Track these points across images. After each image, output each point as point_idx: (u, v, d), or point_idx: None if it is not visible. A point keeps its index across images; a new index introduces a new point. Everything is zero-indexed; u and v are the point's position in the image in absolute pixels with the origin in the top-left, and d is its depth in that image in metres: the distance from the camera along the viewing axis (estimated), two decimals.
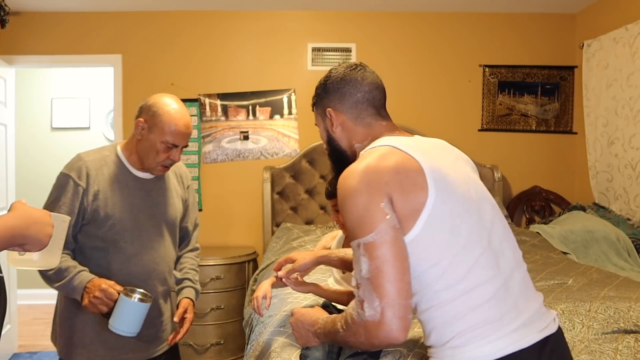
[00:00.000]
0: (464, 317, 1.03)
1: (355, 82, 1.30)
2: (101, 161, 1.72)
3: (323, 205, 3.71)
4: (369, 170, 1.07)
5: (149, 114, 1.71)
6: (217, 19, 3.78)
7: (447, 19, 3.82)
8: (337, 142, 1.31)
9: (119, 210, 1.69)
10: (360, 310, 1.01)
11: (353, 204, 1.05)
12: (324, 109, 1.33)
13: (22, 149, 4.67)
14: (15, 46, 3.69)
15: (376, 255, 1.00)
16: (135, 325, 1.56)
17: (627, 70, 3.19)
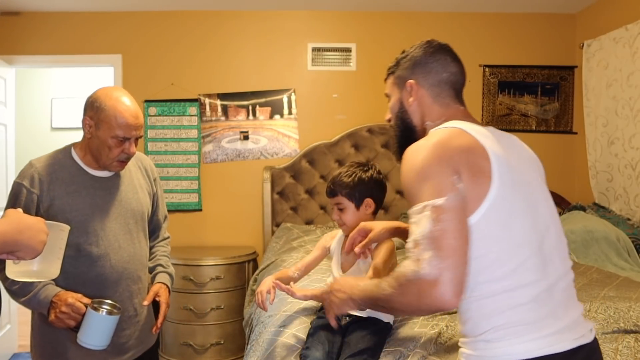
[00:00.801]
0: (501, 314, 1.04)
1: (444, 61, 1.29)
2: (55, 165, 1.66)
3: (323, 205, 3.71)
4: (439, 146, 1.07)
5: (93, 110, 1.63)
6: (217, 19, 3.78)
7: (447, 19, 3.82)
8: (409, 116, 1.30)
9: (80, 214, 1.63)
10: (416, 267, 0.99)
11: (422, 171, 1.05)
12: (404, 80, 1.31)
13: (22, 149, 4.67)
14: (15, 46, 3.69)
15: (442, 218, 1.00)
16: (104, 338, 1.52)
17: (627, 70, 3.19)
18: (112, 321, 1.53)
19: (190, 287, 3.26)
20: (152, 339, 1.89)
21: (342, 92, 3.83)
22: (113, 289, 1.67)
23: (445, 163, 1.05)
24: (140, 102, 3.66)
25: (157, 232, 1.97)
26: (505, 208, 1.05)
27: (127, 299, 1.71)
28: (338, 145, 3.75)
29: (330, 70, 3.82)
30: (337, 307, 1.23)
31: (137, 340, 1.78)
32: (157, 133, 3.72)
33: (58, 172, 1.65)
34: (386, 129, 3.77)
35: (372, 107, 3.82)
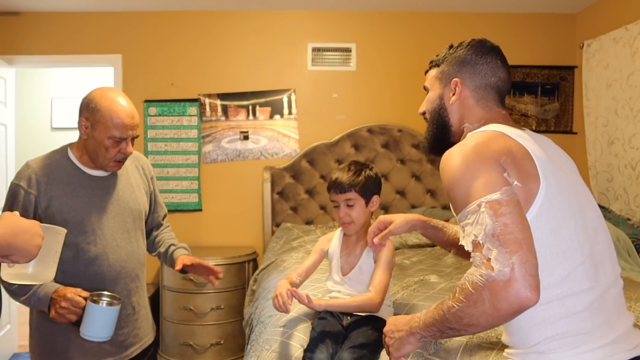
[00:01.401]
0: (554, 323, 0.99)
1: (494, 65, 1.24)
2: (52, 166, 1.67)
3: (323, 205, 3.71)
4: (482, 147, 1.04)
5: (89, 111, 1.64)
6: (217, 19, 3.78)
7: (447, 19, 3.82)
8: (447, 114, 1.25)
9: (77, 213, 1.63)
10: (484, 271, 0.92)
11: (469, 171, 1.01)
12: (449, 77, 1.25)
13: (22, 149, 4.67)
14: (15, 46, 3.69)
15: (502, 212, 0.94)
16: (107, 329, 1.53)
17: (627, 70, 3.19)
18: (113, 312, 1.54)
19: (190, 287, 3.26)
20: (150, 336, 1.89)
21: (342, 92, 3.83)
22: (111, 287, 1.67)
23: (492, 161, 1.01)
24: (140, 102, 3.66)
25: (158, 228, 2.01)
26: (553, 212, 1.01)
27: (125, 297, 1.71)
28: (338, 145, 3.75)
29: (330, 70, 3.82)
30: (397, 349, 1.14)
31: (135, 338, 1.79)
32: (157, 133, 3.72)
33: (55, 172, 1.66)
34: (386, 129, 3.78)
35: (372, 107, 3.82)
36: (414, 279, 2.26)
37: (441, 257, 2.79)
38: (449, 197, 1.06)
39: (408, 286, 2.15)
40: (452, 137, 1.25)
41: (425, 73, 1.36)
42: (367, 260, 1.65)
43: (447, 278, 2.29)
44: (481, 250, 0.94)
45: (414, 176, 3.76)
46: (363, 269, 1.65)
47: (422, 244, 3.08)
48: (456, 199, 1.03)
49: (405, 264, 2.63)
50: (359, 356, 1.46)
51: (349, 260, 1.68)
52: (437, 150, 1.27)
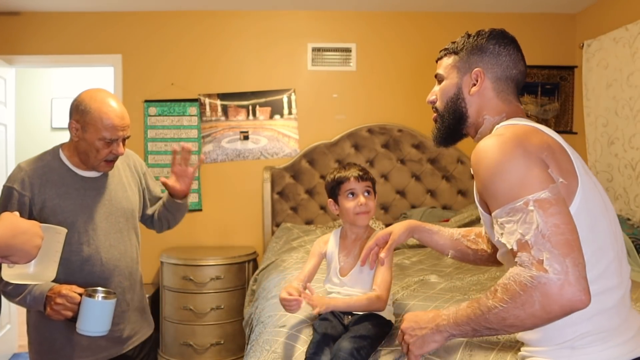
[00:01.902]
0: (589, 319, 0.98)
1: (515, 57, 1.20)
2: (44, 168, 1.67)
3: (323, 205, 3.71)
4: (522, 140, 1.00)
5: (78, 113, 1.64)
6: (217, 19, 3.78)
7: (447, 18, 3.82)
8: (465, 105, 1.20)
9: (70, 215, 1.65)
10: (535, 272, 0.89)
11: (512, 165, 0.97)
12: (470, 66, 1.20)
13: (22, 149, 4.67)
14: (15, 46, 3.69)
15: (552, 212, 0.92)
16: (103, 323, 1.54)
17: (627, 70, 3.19)
18: (109, 305, 1.55)
19: (190, 287, 3.26)
20: (147, 330, 1.91)
21: (342, 92, 3.83)
22: (105, 285, 1.68)
23: (534, 156, 0.98)
24: (140, 102, 3.66)
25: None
26: (589, 209, 1.00)
27: (119, 295, 1.72)
28: (338, 145, 3.75)
29: (330, 70, 3.82)
30: (418, 347, 1.09)
31: (131, 332, 1.82)
32: (157, 133, 3.72)
33: (48, 174, 1.66)
34: (386, 129, 3.77)
35: (372, 107, 3.82)
36: (414, 279, 2.26)
37: (441, 257, 2.79)
38: (486, 190, 1.01)
39: (408, 286, 2.15)
40: (467, 128, 1.21)
41: (437, 60, 1.31)
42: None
43: (447, 278, 2.29)
44: (529, 250, 0.91)
45: (414, 176, 3.76)
46: (362, 268, 1.65)
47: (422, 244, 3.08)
48: (497, 194, 0.98)
49: (405, 264, 2.63)
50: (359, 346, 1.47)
51: (348, 261, 1.68)
52: (450, 141, 1.25)
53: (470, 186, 3.74)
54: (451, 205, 3.74)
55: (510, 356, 1.44)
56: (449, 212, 3.59)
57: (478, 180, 1.04)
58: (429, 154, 3.76)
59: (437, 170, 3.76)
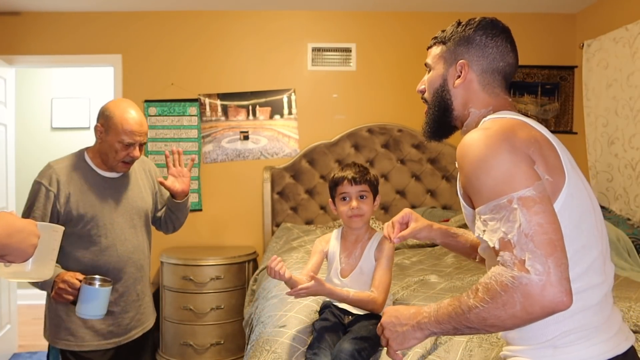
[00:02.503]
0: (572, 317, 0.98)
1: (504, 49, 1.16)
2: (70, 167, 1.89)
3: (323, 205, 3.71)
4: (508, 134, 0.98)
5: (104, 118, 1.88)
6: (217, 18, 3.78)
7: (447, 19, 3.80)
8: (450, 97, 1.17)
9: (91, 209, 1.86)
10: (517, 272, 0.88)
11: (498, 160, 0.94)
12: (456, 57, 1.17)
13: (22, 149, 4.67)
14: (15, 46, 3.69)
15: (536, 211, 0.90)
16: (99, 308, 1.70)
17: (627, 70, 3.19)
18: (104, 293, 1.71)
19: (190, 287, 3.26)
20: (151, 320, 2.11)
21: (342, 92, 3.83)
22: (119, 275, 1.90)
23: (521, 152, 0.95)
24: (140, 102, 3.66)
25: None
26: (574, 206, 0.99)
27: (131, 285, 1.95)
28: (338, 145, 3.75)
29: (330, 70, 3.82)
30: (398, 344, 1.07)
31: (138, 322, 2.01)
32: (157, 133, 3.72)
33: (73, 172, 1.88)
34: (386, 129, 3.77)
35: (372, 107, 3.82)
36: (414, 279, 2.26)
37: (441, 257, 2.80)
38: (470, 186, 0.99)
39: (408, 286, 2.15)
40: (454, 120, 1.19)
41: (427, 49, 1.27)
42: (368, 260, 1.65)
43: (447, 278, 2.29)
44: (511, 249, 0.90)
45: (414, 176, 3.76)
46: (364, 269, 1.64)
47: (422, 244, 3.08)
48: (481, 190, 0.96)
49: (405, 264, 2.63)
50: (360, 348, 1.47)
51: (349, 262, 1.68)
52: (440, 134, 1.23)
53: None
54: (451, 205, 3.73)
55: None
56: (449, 212, 3.59)
57: (462, 174, 1.01)
58: (429, 154, 3.76)
59: (437, 170, 3.76)
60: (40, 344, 3.76)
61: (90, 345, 1.87)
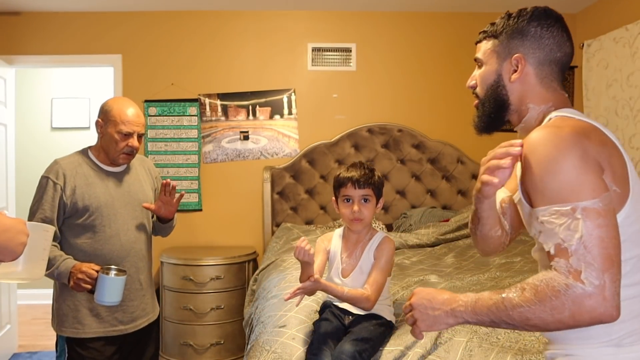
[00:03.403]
0: (636, 317, 0.99)
1: (560, 38, 1.12)
2: (75, 162, 2.02)
3: (323, 205, 3.71)
4: (581, 138, 0.94)
5: (103, 112, 2.03)
6: (217, 19, 3.78)
7: (447, 19, 3.82)
8: (506, 92, 1.14)
9: (95, 200, 1.98)
10: (571, 281, 0.88)
11: (567, 165, 0.92)
12: (510, 51, 1.13)
13: (22, 149, 4.67)
14: (15, 46, 3.69)
15: (599, 224, 0.89)
16: (116, 295, 1.85)
17: (627, 70, 3.19)
18: (120, 281, 1.85)
19: (190, 287, 3.26)
20: (155, 312, 2.20)
21: (342, 92, 3.83)
22: (123, 264, 1.99)
23: (592, 159, 0.92)
24: (140, 102, 3.66)
25: None
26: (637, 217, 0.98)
27: (134, 273, 2.05)
28: (338, 145, 3.75)
29: (330, 70, 3.82)
30: (428, 325, 1.06)
31: (143, 312, 2.11)
32: (157, 133, 3.72)
33: (78, 167, 2.01)
34: (386, 129, 3.77)
35: (372, 107, 3.82)
36: (414, 279, 2.26)
37: (441, 257, 2.80)
38: (533, 184, 0.97)
39: (408, 286, 2.15)
40: (509, 115, 1.16)
41: (476, 43, 1.24)
42: (367, 260, 1.65)
43: (447, 278, 2.29)
44: (567, 257, 0.89)
45: (414, 176, 3.76)
46: (364, 268, 1.64)
47: (422, 244, 3.08)
48: (544, 191, 0.94)
49: (405, 264, 2.64)
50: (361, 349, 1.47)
51: (350, 262, 1.68)
52: (491, 129, 1.21)
53: (471, 186, 3.74)
54: (451, 205, 3.73)
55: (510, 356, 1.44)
56: (449, 212, 3.59)
57: (527, 171, 0.99)
58: (429, 154, 3.76)
59: (437, 170, 3.76)
60: (41, 344, 3.77)
61: (97, 332, 1.98)
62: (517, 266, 2.53)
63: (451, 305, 1.03)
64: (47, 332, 3.24)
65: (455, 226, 3.23)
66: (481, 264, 2.61)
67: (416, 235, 3.18)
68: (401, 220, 3.56)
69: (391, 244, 1.67)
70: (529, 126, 1.11)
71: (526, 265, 2.53)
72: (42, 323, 4.23)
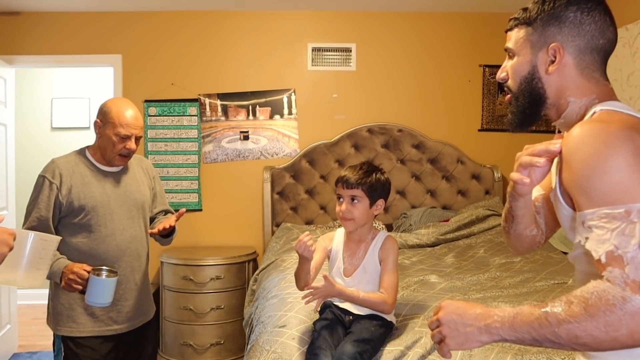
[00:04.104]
0: None
1: (603, 24, 1.00)
2: (71, 162, 2.02)
3: (323, 205, 3.71)
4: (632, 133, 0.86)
5: (102, 113, 2.03)
6: (217, 18, 3.78)
7: (447, 19, 3.82)
8: (541, 86, 1.03)
9: (91, 200, 1.98)
10: (630, 294, 0.79)
11: (618, 163, 0.83)
12: (547, 40, 1.02)
13: (22, 149, 4.67)
14: (15, 46, 3.69)
15: None
16: (106, 297, 1.83)
17: (627, 70, 3.19)
18: (111, 283, 1.83)
19: (190, 287, 3.26)
20: (149, 313, 2.18)
21: (342, 92, 3.83)
22: (118, 263, 1.99)
23: None
24: (140, 102, 3.66)
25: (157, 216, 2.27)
26: None
27: (129, 274, 2.04)
28: (338, 145, 3.75)
29: (330, 70, 3.82)
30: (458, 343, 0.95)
31: (138, 311, 2.09)
32: (157, 133, 3.72)
33: (75, 167, 2.01)
34: (386, 129, 3.77)
35: (372, 107, 3.82)
36: (414, 279, 2.26)
37: (441, 257, 2.80)
38: (577, 185, 0.89)
39: (408, 286, 2.15)
40: (546, 110, 1.05)
41: (506, 31, 1.13)
42: (371, 260, 1.65)
43: (447, 278, 2.29)
44: (622, 266, 0.80)
45: (414, 176, 3.76)
46: (367, 268, 1.64)
47: (422, 244, 3.08)
48: (591, 193, 0.86)
49: (405, 264, 2.63)
50: (362, 350, 1.47)
51: (353, 262, 1.68)
52: (527, 124, 1.10)
53: (471, 186, 3.74)
54: (451, 205, 3.73)
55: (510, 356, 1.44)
56: (449, 212, 3.59)
57: (570, 171, 0.90)
58: (429, 154, 3.76)
59: (437, 170, 3.76)
60: (40, 344, 3.76)
61: (92, 331, 1.97)
62: (517, 266, 2.53)
63: (485, 320, 0.92)
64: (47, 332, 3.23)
65: (455, 226, 3.23)
66: (481, 264, 2.61)
67: (416, 235, 3.18)
68: (401, 220, 3.56)
69: (395, 243, 1.67)
70: (569, 121, 1.03)
71: (526, 265, 2.53)
72: (42, 323, 4.22)
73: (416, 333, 1.60)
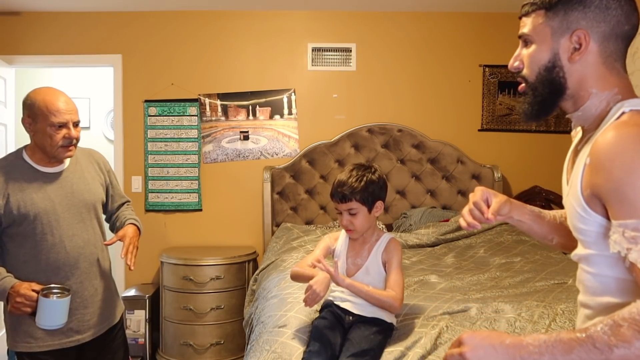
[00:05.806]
0: None
1: (628, 8, 0.93)
2: (7, 167, 1.83)
3: (323, 205, 3.71)
4: None
5: (27, 108, 1.82)
6: (217, 19, 3.78)
7: (447, 19, 3.82)
8: (562, 75, 0.96)
9: (33, 207, 1.79)
10: None
11: None
12: (569, 25, 0.94)
13: None
14: (15, 46, 3.69)
15: None
16: (59, 318, 1.71)
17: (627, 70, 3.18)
18: (63, 304, 1.71)
19: (190, 287, 3.26)
20: (115, 317, 2.04)
21: (342, 92, 3.83)
22: (71, 272, 1.85)
23: None
24: (140, 102, 3.66)
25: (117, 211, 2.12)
26: None
27: (86, 280, 1.89)
28: (338, 145, 3.75)
29: (330, 70, 3.82)
30: None
31: (101, 317, 1.96)
32: (157, 133, 3.72)
33: (10, 172, 1.82)
34: (386, 129, 3.77)
35: (372, 107, 3.82)
36: (414, 279, 2.26)
37: (441, 257, 2.79)
38: (617, 193, 0.83)
39: (408, 286, 2.15)
40: (563, 101, 0.99)
41: (520, 17, 1.04)
42: (375, 261, 1.65)
43: (447, 278, 2.29)
44: None
45: (414, 176, 3.76)
46: (370, 269, 1.64)
47: (422, 244, 3.08)
48: (633, 200, 0.81)
49: (405, 264, 2.63)
50: None
51: (356, 262, 1.68)
52: (543, 116, 1.04)
53: (471, 186, 3.74)
54: (451, 205, 3.73)
55: None
56: (449, 212, 3.58)
57: (607, 178, 0.84)
58: (429, 154, 3.76)
59: (437, 170, 3.76)
60: None
61: (52, 345, 1.83)
62: (517, 266, 2.53)
63: (519, 352, 0.84)
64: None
65: (455, 226, 3.23)
66: (481, 264, 2.61)
67: (416, 235, 3.18)
68: (401, 220, 3.56)
69: (398, 245, 1.68)
70: (587, 115, 0.97)
71: (526, 265, 2.53)
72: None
73: (416, 333, 1.60)
